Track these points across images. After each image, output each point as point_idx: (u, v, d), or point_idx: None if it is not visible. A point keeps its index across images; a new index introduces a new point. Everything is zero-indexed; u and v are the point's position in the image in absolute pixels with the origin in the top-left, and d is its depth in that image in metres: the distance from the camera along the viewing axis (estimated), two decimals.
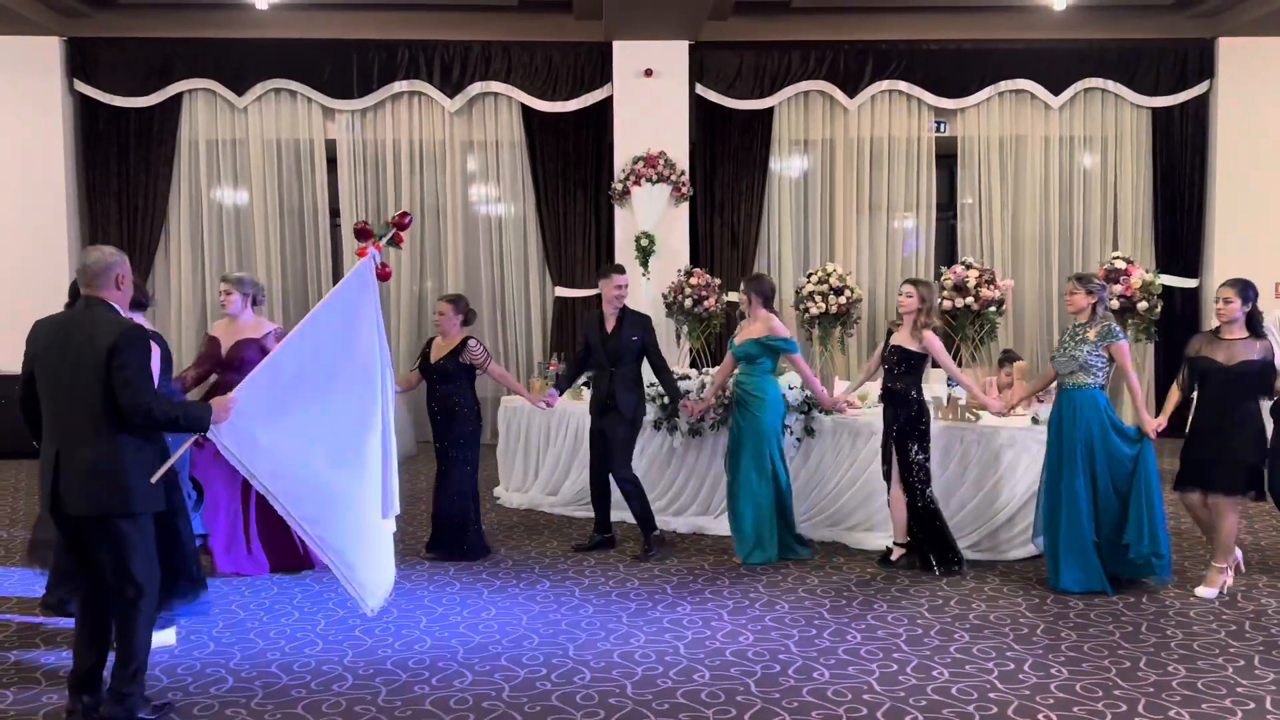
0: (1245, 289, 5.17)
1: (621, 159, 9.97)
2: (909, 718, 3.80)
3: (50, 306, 11.43)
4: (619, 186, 9.92)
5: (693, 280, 9.30)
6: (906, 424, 5.66)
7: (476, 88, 10.18)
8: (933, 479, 5.79)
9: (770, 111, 10.34)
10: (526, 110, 10.23)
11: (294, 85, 10.06)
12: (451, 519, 5.99)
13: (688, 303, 9.23)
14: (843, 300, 9.02)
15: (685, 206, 10.08)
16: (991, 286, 8.65)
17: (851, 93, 10.28)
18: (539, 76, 10.14)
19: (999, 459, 6.01)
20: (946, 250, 10.72)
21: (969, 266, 8.79)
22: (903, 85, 10.28)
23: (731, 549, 6.04)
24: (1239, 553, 5.44)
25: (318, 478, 4.03)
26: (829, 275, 9.06)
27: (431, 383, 6.03)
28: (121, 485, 3.62)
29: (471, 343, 5.97)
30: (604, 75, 10.07)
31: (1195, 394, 5.36)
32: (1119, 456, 5.24)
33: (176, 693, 4.05)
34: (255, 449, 3.89)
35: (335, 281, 10.49)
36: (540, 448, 7.64)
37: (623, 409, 6.09)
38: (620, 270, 6.30)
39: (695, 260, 10.11)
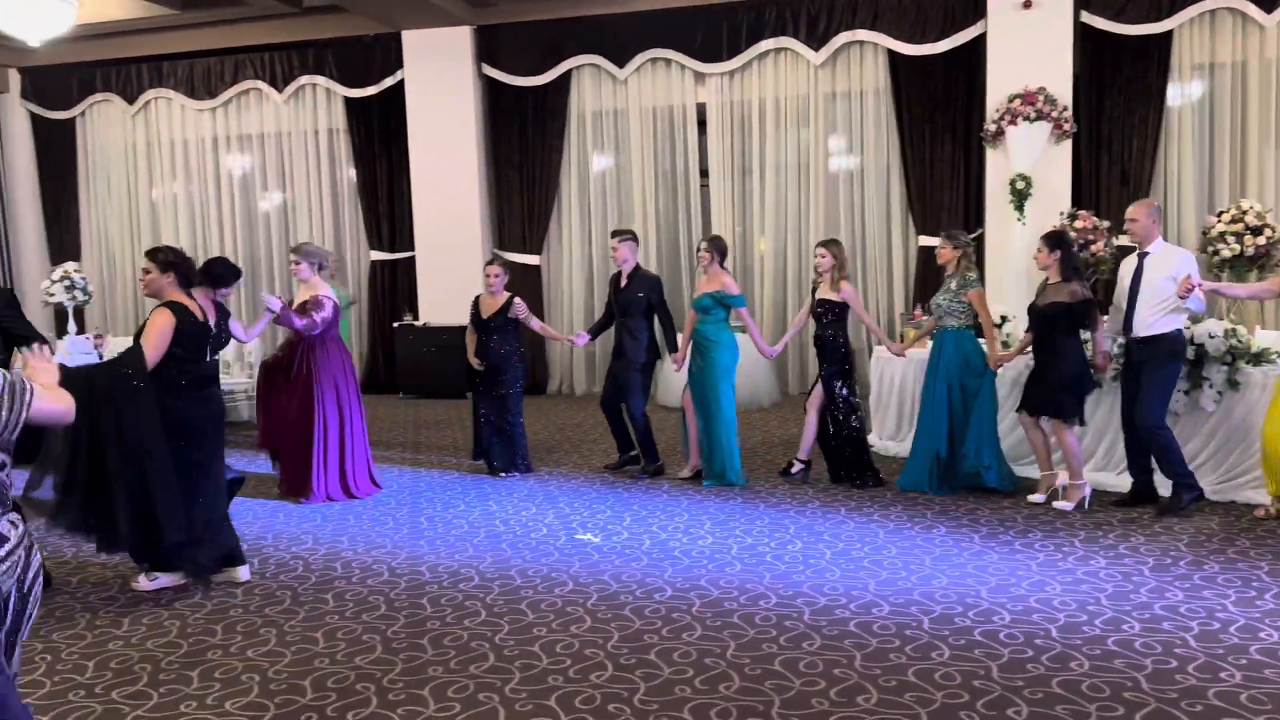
0: (1056, 240, 5.91)
1: (995, 98, 9.52)
2: None
3: (465, 266, 12.78)
4: (992, 127, 9.49)
5: (1078, 223, 8.76)
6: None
7: (842, 38, 10.15)
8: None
9: (1168, 35, 9.35)
10: (893, 56, 10.07)
11: (669, 54, 10.59)
12: (499, 433, 7.20)
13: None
14: (1261, 240, 8.09)
15: (1067, 145, 9.43)
16: None
17: (1269, 8, 9.04)
18: (907, 19, 9.92)
19: None
20: None
21: None
22: None
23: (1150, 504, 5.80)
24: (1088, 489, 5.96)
25: None
26: (1244, 213, 8.15)
27: (486, 335, 7.13)
28: None
29: (516, 301, 7.12)
30: (977, 11, 9.65)
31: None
32: (970, 386, 6.26)
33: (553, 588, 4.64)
34: None
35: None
36: (915, 397, 7.62)
37: (630, 355, 6.96)
38: (616, 234, 7.12)
39: (1078, 202, 9.47)
